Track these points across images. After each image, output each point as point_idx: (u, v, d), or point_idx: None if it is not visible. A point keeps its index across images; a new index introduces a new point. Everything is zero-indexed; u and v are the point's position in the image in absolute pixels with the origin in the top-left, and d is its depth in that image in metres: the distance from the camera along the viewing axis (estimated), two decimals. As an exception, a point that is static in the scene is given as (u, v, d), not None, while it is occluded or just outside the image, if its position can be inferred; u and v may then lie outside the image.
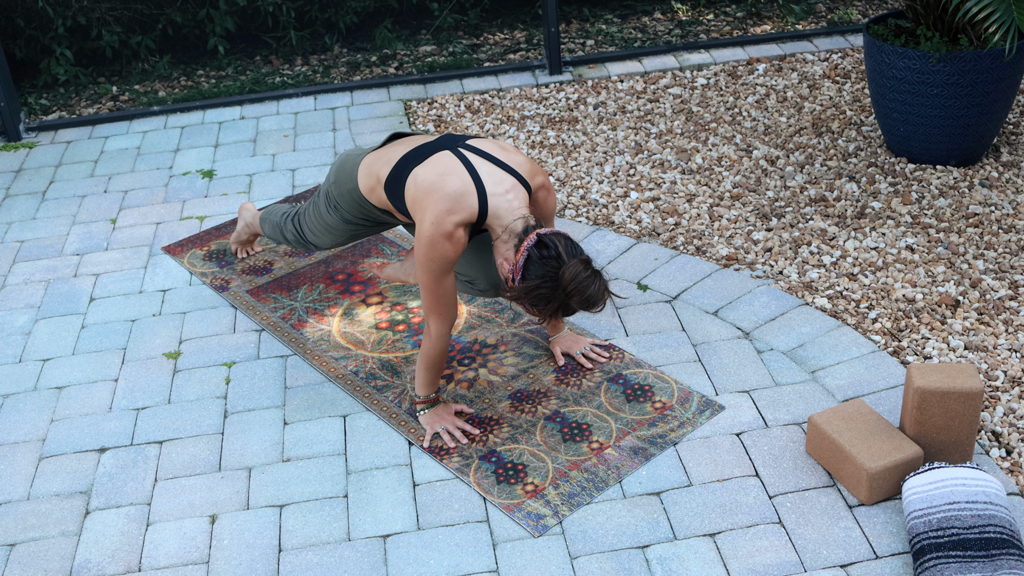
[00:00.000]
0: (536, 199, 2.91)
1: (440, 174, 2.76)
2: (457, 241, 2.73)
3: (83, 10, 5.31)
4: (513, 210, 2.74)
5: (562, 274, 2.62)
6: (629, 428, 2.97)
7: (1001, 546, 2.39)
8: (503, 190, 2.76)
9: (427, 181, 2.77)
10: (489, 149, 2.85)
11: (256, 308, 3.59)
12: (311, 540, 2.70)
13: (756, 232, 3.77)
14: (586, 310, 2.67)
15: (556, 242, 2.66)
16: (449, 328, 2.87)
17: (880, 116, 4.15)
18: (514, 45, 5.54)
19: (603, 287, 2.66)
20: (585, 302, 2.64)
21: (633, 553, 2.59)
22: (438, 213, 2.71)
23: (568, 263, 2.63)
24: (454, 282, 2.81)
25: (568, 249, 2.67)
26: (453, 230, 2.71)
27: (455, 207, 2.71)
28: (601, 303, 2.67)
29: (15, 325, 3.62)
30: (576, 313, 2.75)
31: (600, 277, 2.66)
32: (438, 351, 2.90)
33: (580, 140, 4.51)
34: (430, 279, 2.77)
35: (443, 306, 2.82)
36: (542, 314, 2.69)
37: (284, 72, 5.42)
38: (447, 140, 2.89)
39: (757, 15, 5.65)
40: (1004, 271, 3.49)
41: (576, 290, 2.62)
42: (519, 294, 2.67)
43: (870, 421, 2.75)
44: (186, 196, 4.33)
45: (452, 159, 2.80)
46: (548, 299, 2.65)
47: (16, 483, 2.95)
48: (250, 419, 3.12)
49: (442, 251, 2.73)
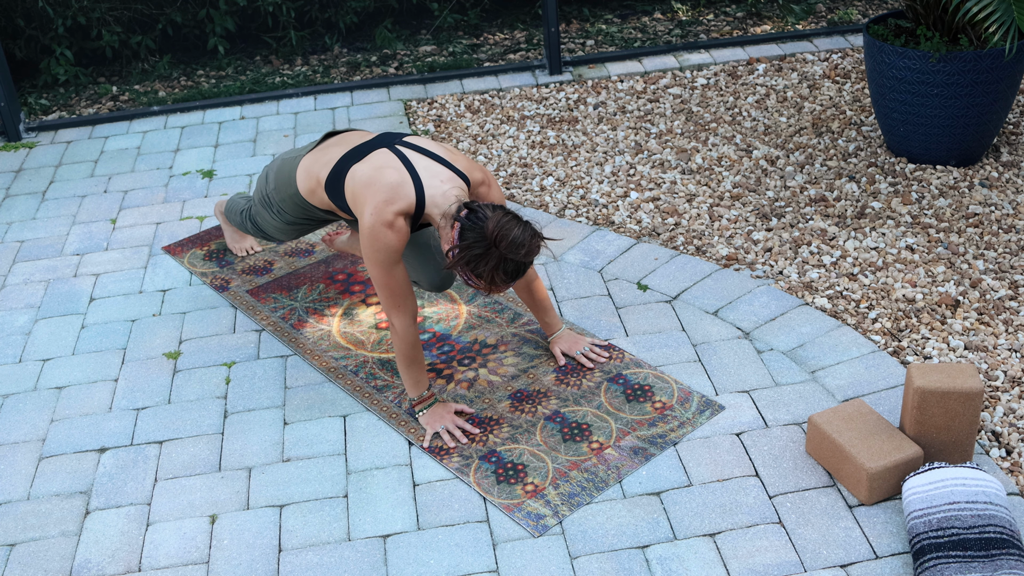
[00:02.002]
0: (477, 195, 2.95)
1: (377, 168, 2.84)
2: (399, 230, 2.78)
3: (83, 10, 5.31)
4: (449, 198, 2.79)
5: (486, 226, 2.64)
6: (629, 428, 2.97)
7: (1001, 546, 2.39)
8: (439, 181, 2.82)
9: (365, 175, 2.85)
10: (426, 145, 2.92)
11: (256, 308, 3.59)
12: (311, 540, 2.70)
13: (756, 232, 3.77)
14: (519, 259, 2.66)
15: (485, 208, 2.69)
16: (411, 319, 2.90)
17: (880, 116, 4.15)
18: (514, 45, 5.54)
19: (530, 232, 2.67)
20: (511, 246, 2.63)
21: (633, 553, 2.59)
22: (377, 203, 2.78)
23: (491, 215, 2.66)
24: (405, 273, 2.86)
25: (495, 208, 2.70)
26: (393, 219, 2.77)
27: (393, 196, 2.78)
28: (528, 247, 2.66)
29: (15, 325, 3.62)
30: (520, 273, 2.70)
31: (527, 224, 2.68)
32: (407, 344, 2.92)
33: (580, 140, 4.51)
34: (380, 271, 2.82)
35: (398, 298, 2.86)
36: (484, 279, 2.68)
37: (284, 72, 5.42)
38: (385, 138, 2.96)
39: (757, 15, 5.65)
40: (1004, 271, 3.49)
41: (501, 235, 2.62)
42: (456, 261, 2.69)
43: (870, 421, 2.75)
44: (186, 196, 4.33)
45: (389, 155, 2.88)
46: (482, 257, 2.65)
47: (16, 483, 2.95)
48: (250, 419, 3.12)
49: (385, 240, 2.78)
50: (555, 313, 3.26)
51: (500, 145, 4.52)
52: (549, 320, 3.25)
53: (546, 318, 3.24)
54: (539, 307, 3.22)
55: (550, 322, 3.25)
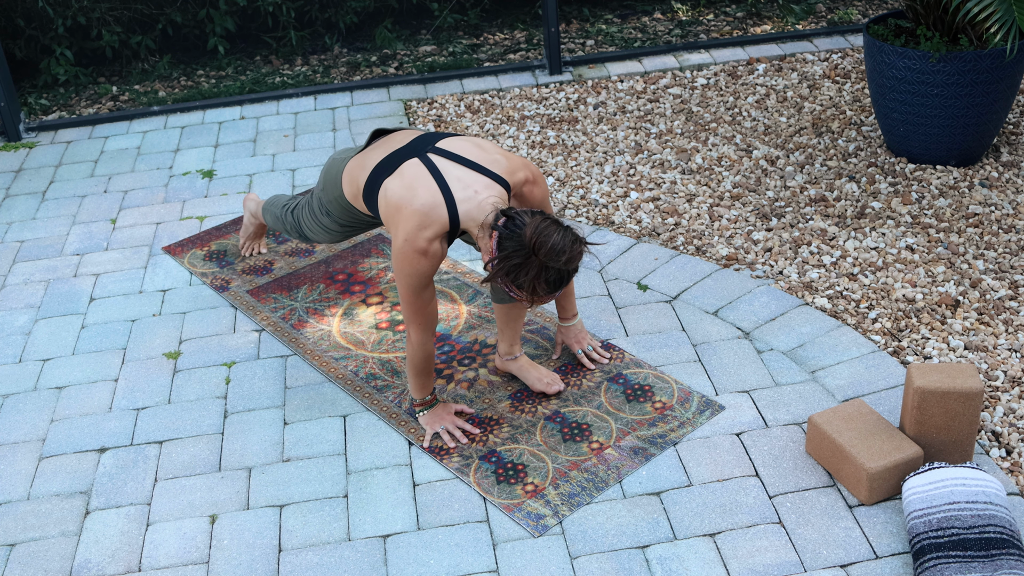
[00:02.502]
0: (521, 194, 2.86)
1: (408, 187, 2.72)
2: (433, 255, 2.71)
3: (83, 10, 5.31)
4: (486, 208, 2.68)
5: (524, 233, 2.54)
6: (629, 428, 2.97)
7: (1001, 546, 2.39)
8: (473, 192, 2.71)
9: (396, 196, 2.73)
10: (461, 150, 2.80)
11: (256, 308, 3.59)
12: (311, 540, 2.70)
13: (756, 232, 3.77)
14: (559, 266, 2.54)
15: (523, 214, 2.59)
16: (429, 335, 2.85)
17: (880, 116, 4.15)
18: (514, 45, 5.54)
19: (571, 237, 2.56)
20: (551, 253, 2.52)
21: (633, 553, 2.59)
22: (409, 230, 2.69)
23: (529, 222, 2.56)
24: (433, 293, 2.79)
25: (534, 214, 2.59)
26: (427, 246, 2.69)
27: (425, 221, 2.68)
28: (569, 253, 2.54)
29: (15, 325, 3.62)
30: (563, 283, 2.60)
31: (568, 229, 2.57)
32: (421, 357, 2.89)
33: (580, 140, 4.51)
34: (408, 293, 2.76)
35: (421, 316, 2.81)
36: (526, 290, 2.58)
37: (284, 72, 5.42)
38: (417, 144, 2.83)
39: (757, 15, 5.65)
40: (1004, 271, 3.49)
41: (540, 243, 2.52)
42: (496, 273, 2.59)
43: (870, 421, 2.75)
44: (186, 196, 4.33)
45: (420, 169, 2.75)
46: (522, 267, 2.55)
47: (16, 483, 2.95)
48: (250, 419, 3.12)
49: (417, 267, 2.71)
50: (574, 299, 3.18)
51: (500, 145, 4.52)
52: (566, 304, 3.16)
53: (564, 301, 3.16)
54: (565, 293, 3.15)
55: (566, 306, 3.17)
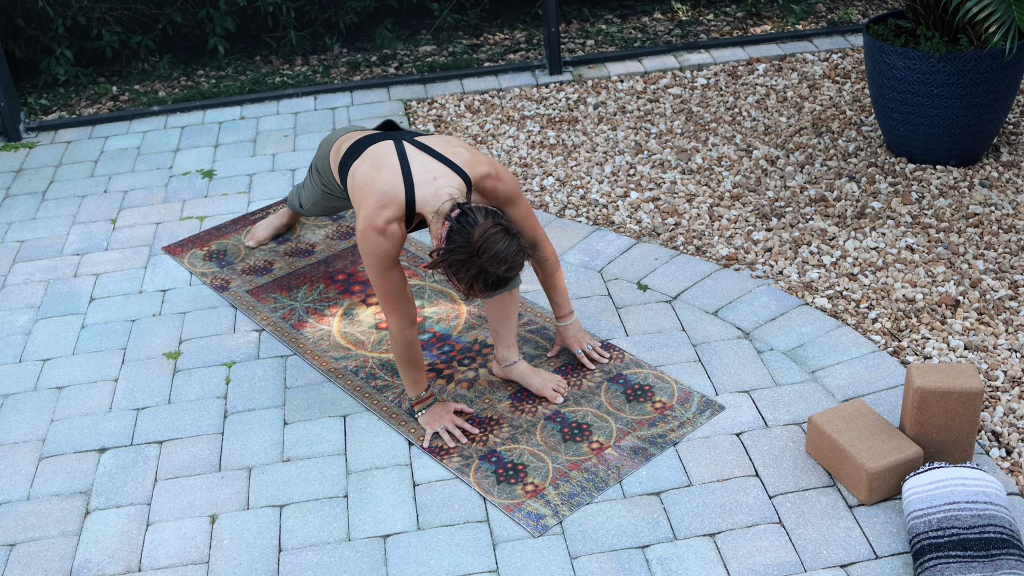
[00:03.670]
0: (483, 188, 2.91)
1: (374, 167, 2.85)
2: (391, 235, 2.78)
3: (83, 10, 5.31)
4: (442, 196, 2.75)
5: (473, 233, 2.60)
6: (629, 428, 2.97)
7: (1001, 546, 2.39)
8: (431, 178, 2.80)
9: (363, 175, 2.87)
10: (430, 142, 2.91)
11: (256, 308, 3.59)
12: (311, 540, 2.70)
13: (756, 232, 3.77)
14: (499, 273, 2.60)
15: (477, 211, 2.65)
16: (406, 322, 2.88)
17: (880, 116, 4.15)
18: (514, 45, 5.53)
19: (515, 248, 2.61)
20: (493, 259, 2.57)
21: (633, 553, 2.59)
22: (369, 209, 2.79)
23: (481, 223, 2.62)
24: (402, 276, 2.84)
25: (488, 214, 2.65)
26: (385, 225, 2.77)
27: (383, 200, 2.78)
28: (511, 263, 2.60)
29: (15, 325, 3.62)
30: (500, 286, 2.65)
31: (515, 237, 2.62)
32: (401, 347, 2.91)
33: (580, 140, 4.51)
34: (373, 274, 2.83)
35: (393, 301, 2.85)
36: (464, 284, 2.64)
37: (284, 72, 5.42)
38: (398, 134, 2.98)
39: (757, 15, 5.65)
40: (1004, 271, 3.49)
41: (485, 247, 2.57)
42: (439, 262, 2.66)
43: (870, 421, 2.75)
44: (186, 196, 4.33)
45: (389, 150, 2.88)
46: (463, 264, 2.61)
47: (16, 483, 2.95)
48: (250, 419, 3.12)
49: (376, 245, 2.78)
50: (567, 297, 3.19)
51: (500, 145, 4.52)
52: (559, 301, 3.17)
53: (557, 298, 3.17)
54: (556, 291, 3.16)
55: (561, 304, 3.18)
